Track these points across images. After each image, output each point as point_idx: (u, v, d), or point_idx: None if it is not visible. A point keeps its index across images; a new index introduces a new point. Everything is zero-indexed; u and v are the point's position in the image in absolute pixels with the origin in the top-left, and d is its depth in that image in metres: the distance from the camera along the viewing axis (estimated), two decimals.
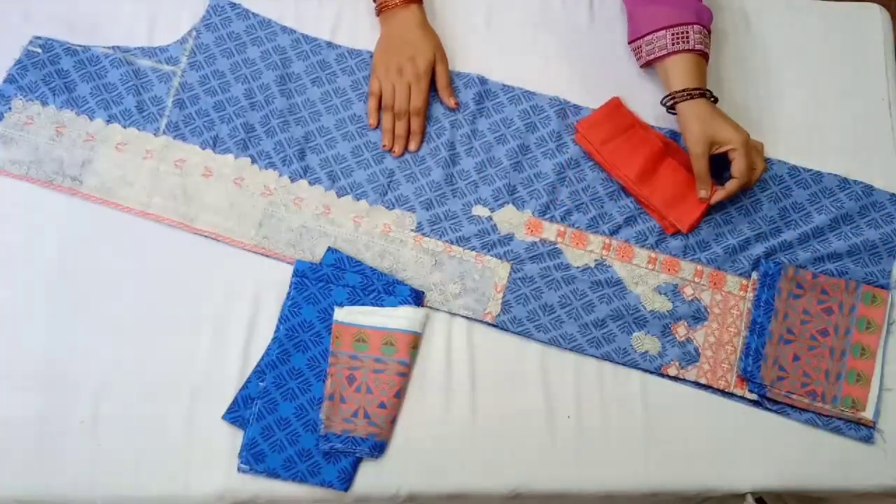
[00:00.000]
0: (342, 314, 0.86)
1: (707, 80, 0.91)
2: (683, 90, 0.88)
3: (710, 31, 0.92)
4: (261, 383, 0.84)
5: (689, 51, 0.89)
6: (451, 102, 0.95)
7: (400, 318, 0.86)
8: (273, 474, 0.82)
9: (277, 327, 0.86)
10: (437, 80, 0.95)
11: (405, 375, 0.85)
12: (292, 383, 0.85)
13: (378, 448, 0.83)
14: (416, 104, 0.93)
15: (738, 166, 0.87)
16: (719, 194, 0.89)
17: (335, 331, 0.85)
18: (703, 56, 0.91)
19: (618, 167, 0.92)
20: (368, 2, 0.99)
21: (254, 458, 0.82)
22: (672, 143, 0.94)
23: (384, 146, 0.93)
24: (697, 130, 0.87)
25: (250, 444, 0.82)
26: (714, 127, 0.87)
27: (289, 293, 0.87)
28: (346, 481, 0.82)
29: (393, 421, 0.84)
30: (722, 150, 0.88)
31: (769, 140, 0.96)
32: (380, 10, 0.95)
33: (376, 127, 0.95)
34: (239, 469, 0.82)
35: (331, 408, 0.83)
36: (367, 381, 0.84)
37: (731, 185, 0.88)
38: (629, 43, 0.96)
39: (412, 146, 0.94)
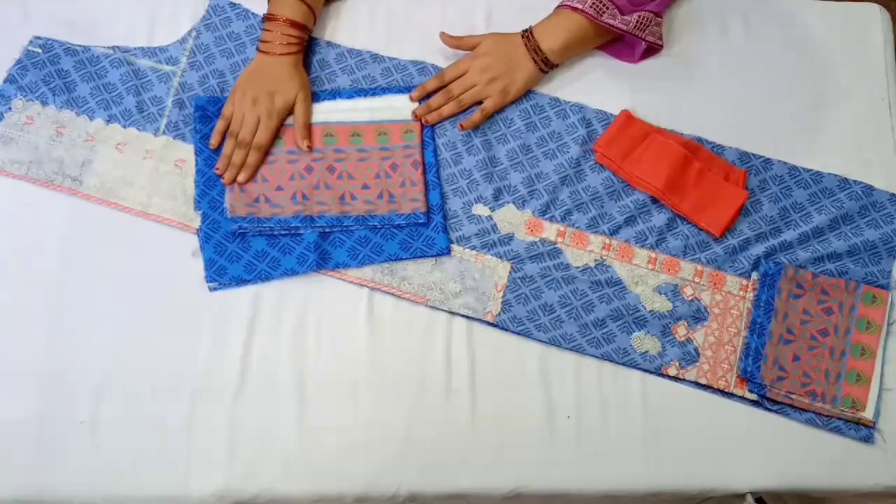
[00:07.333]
0: None
1: (582, 45, 0.96)
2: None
3: (644, 13, 0.93)
4: (198, 210, 0.89)
5: (572, 8, 0.92)
6: (304, 145, 0.91)
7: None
8: (240, 281, 0.87)
9: (196, 160, 0.91)
10: (296, 119, 0.92)
11: (294, 163, 0.91)
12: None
13: (287, 223, 0.88)
14: (260, 140, 0.90)
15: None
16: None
17: None
18: (590, 19, 0.92)
19: (644, 179, 0.91)
20: (354, 3, 0.98)
21: (217, 274, 0.87)
22: (691, 143, 0.94)
23: (217, 169, 0.90)
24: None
25: (210, 264, 0.87)
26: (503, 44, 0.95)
27: (194, 127, 0.92)
28: (304, 264, 0.87)
29: (304, 197, 0.89)
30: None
31: (769, 140, 0.96)
32: (259, 49, 0.93)
33: (216, 148, 0.91)
34: (210, 289, 0.87)
35: (233, 197, 0.89)
36: (262, 172, 0.91)
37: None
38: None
39: (241, 177, 0.90)
